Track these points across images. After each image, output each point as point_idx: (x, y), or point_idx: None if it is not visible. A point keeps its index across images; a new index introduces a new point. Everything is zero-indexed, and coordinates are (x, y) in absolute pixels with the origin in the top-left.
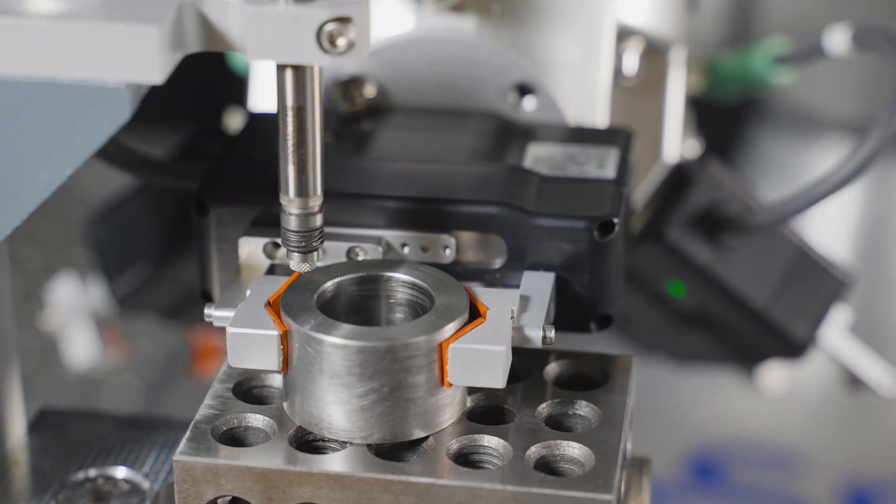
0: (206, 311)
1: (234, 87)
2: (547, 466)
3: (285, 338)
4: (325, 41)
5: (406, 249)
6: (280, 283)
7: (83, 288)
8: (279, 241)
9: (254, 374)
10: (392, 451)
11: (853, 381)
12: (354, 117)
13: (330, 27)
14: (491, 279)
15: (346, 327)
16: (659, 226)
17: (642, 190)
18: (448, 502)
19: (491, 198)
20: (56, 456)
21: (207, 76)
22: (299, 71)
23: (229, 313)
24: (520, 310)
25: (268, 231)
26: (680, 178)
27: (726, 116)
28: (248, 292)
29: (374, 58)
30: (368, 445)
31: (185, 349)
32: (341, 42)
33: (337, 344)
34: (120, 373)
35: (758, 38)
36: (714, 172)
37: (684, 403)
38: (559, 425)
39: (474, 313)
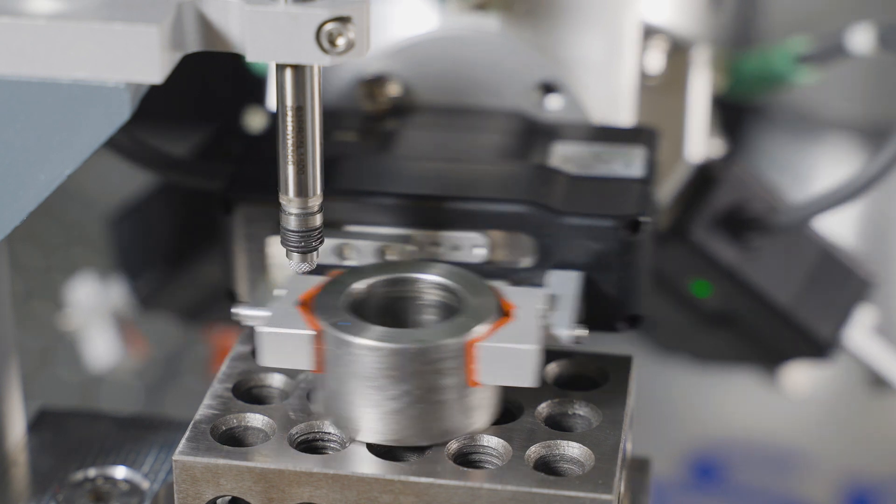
0: (234, 310)
1: (253, 86)
2: (547, 466)
3: (319, 337)
4: (324, 41)
5: (437, 249)
6: (310, 282)
7: (103, 288)
8: None
9: (253, 374)
10: (392, 451)
11: (877, 382)
12: (378, 116)
13: (329, 27)
14: (519, 278)
15: (377, 329)
16: (684, 225)
17: (666, 190)
18: (448, 502)
19: (519, 196)
20: (55, 456)
21: (225, 75)
22: (299, 71)
23: (259, 313)
24: (547, 308)
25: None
26: (704, 177)
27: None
28: (278, 292)
29: (398, 57)
30: (368, 445)
31: (204, 349)
32: (341, 42)
33: (368, 346)
34: (134, 372)
35: (765, 37)
36: (739, 172)
37: (684, 403)
38: (559, 425)
39: (501, 312)
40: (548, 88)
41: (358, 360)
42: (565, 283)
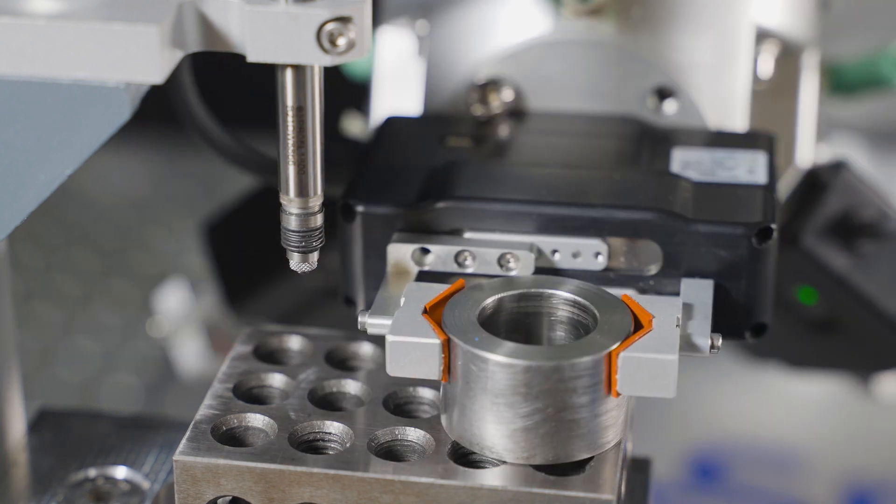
0: (361, 318)
1: (351, 91)
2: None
3: (446, 346)
4: (325, 41)
5: (557, 256)
6: (434, 290)
7: (193, 295)
8: (428, 247)
9: (254, 375)
10: (392, 450)
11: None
12: (491, 121)
13: (330, 27)
14: (644, 286)
15: (511, 345)
16: (794, 232)
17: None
18: (448, 502)
19: (647, 204)
20: (56, 456)
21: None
22: (299, 71)
23: (384, 321)
24: (683, 318)
25: (416, 238)
26: (814, 183)
27: None
28: (402, 300)
29: (511, 61)
30: (368, 445)
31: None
32: (341, 42)
33: (502, 363)
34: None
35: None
36: (849, 177)
37: (684, 403)
38: None
39: (636, 321)
40: (663, 93)
41: (491, 377)
42: (699, 292)
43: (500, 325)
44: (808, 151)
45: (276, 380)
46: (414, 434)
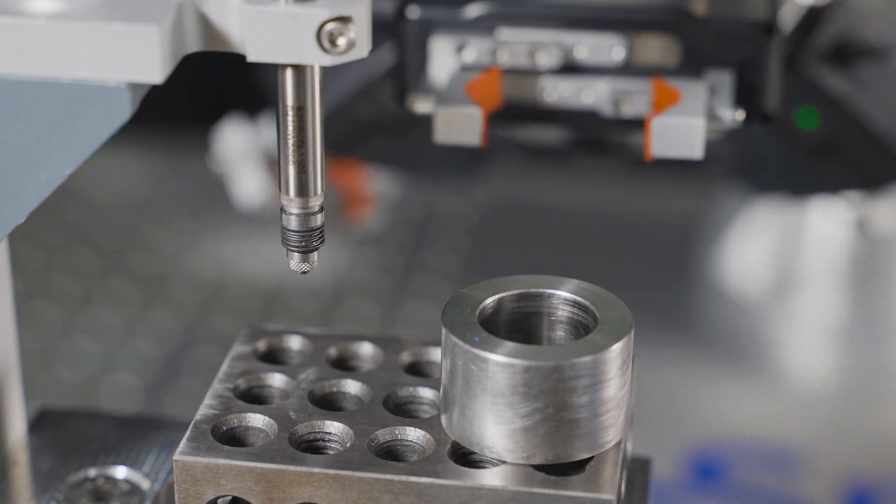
0: (408, 99)
1: None
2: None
3: (486, 116)
4: (325, 41)
5: (580, 52)
6: (472, 75)
7: (253, 130)
8: (467, 40)
9: (254, 375)
10: (392, 450)
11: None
12: None
13: (330, 27)
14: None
15: (510, 345)
16: (794, 59)
17: None
18: (448, 502)
19: (664, 3)
20: (56, 456)
21: None
22: (299, 70)
23: (429, 100)
24: (708, 96)
25: (457, 33)
26: (814, 16)
27: None
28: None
29: None
30: (368, 445)
31: (336, 197)
32: (341, 42)
33: (502, 363)
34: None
35: None
36: (847, 3)
37: (684, 403)
38: None
39: (668, 97)
40: None
41: (491, 377)
42: (720, 77)
43: (500, 325)
44: None
45: (277, 380)
46: (414, 434)
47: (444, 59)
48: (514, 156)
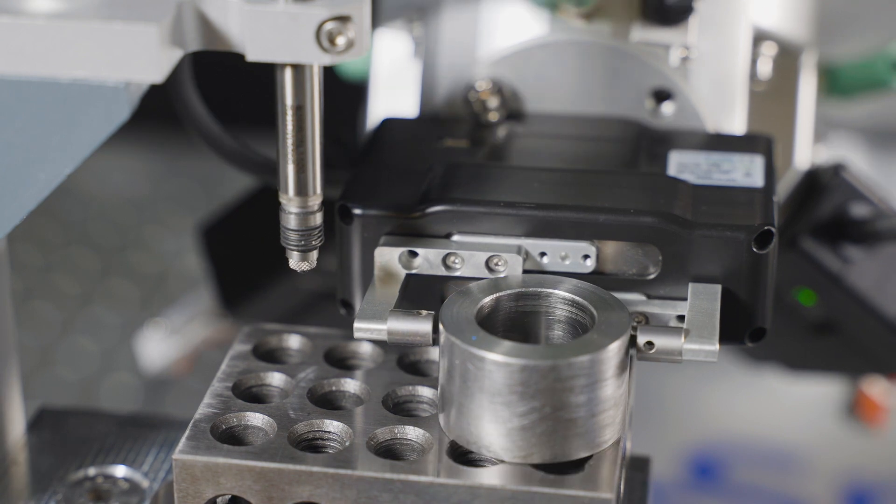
0: (357, 325)
1: (347, 92)
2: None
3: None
4: (324, 40)
5: (545, 259)
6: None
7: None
8: (417, 250)
9: (253, 374)
10: (391, 449)
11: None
12: (488, 124)
13: (329, 26)
14: (645, 290)
15: (508, 344)
16: (792, 234)
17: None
18: (448, 501)
19: (647, 208)
20: (55, 455)
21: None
22: (299, 70)
23: (372, 325)
24: (689, 323)
25: (403, 241)
26: (812, 184)
27: None
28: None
29: (508, 63)
30: (367, 444)
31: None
32: (341, 41)
33: (499, 362)
34: (124, 373)
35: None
36: (847, 178)
37: (684, 403)
38: None
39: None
40: (660, 96)
41: (488, 376)
42: (708, 297)
43: (498, 325)
44: (806, 152)
45: (276, 379)
46: (413, 433)
47: (388, 268)
48: None
